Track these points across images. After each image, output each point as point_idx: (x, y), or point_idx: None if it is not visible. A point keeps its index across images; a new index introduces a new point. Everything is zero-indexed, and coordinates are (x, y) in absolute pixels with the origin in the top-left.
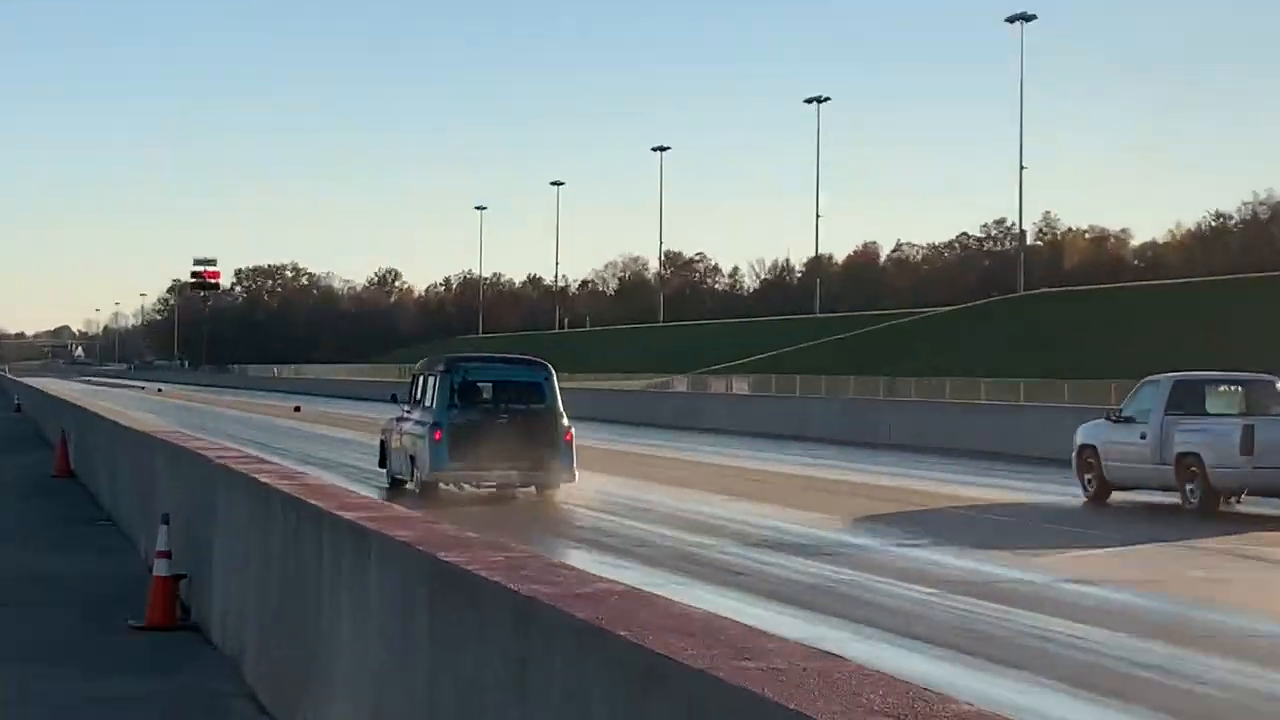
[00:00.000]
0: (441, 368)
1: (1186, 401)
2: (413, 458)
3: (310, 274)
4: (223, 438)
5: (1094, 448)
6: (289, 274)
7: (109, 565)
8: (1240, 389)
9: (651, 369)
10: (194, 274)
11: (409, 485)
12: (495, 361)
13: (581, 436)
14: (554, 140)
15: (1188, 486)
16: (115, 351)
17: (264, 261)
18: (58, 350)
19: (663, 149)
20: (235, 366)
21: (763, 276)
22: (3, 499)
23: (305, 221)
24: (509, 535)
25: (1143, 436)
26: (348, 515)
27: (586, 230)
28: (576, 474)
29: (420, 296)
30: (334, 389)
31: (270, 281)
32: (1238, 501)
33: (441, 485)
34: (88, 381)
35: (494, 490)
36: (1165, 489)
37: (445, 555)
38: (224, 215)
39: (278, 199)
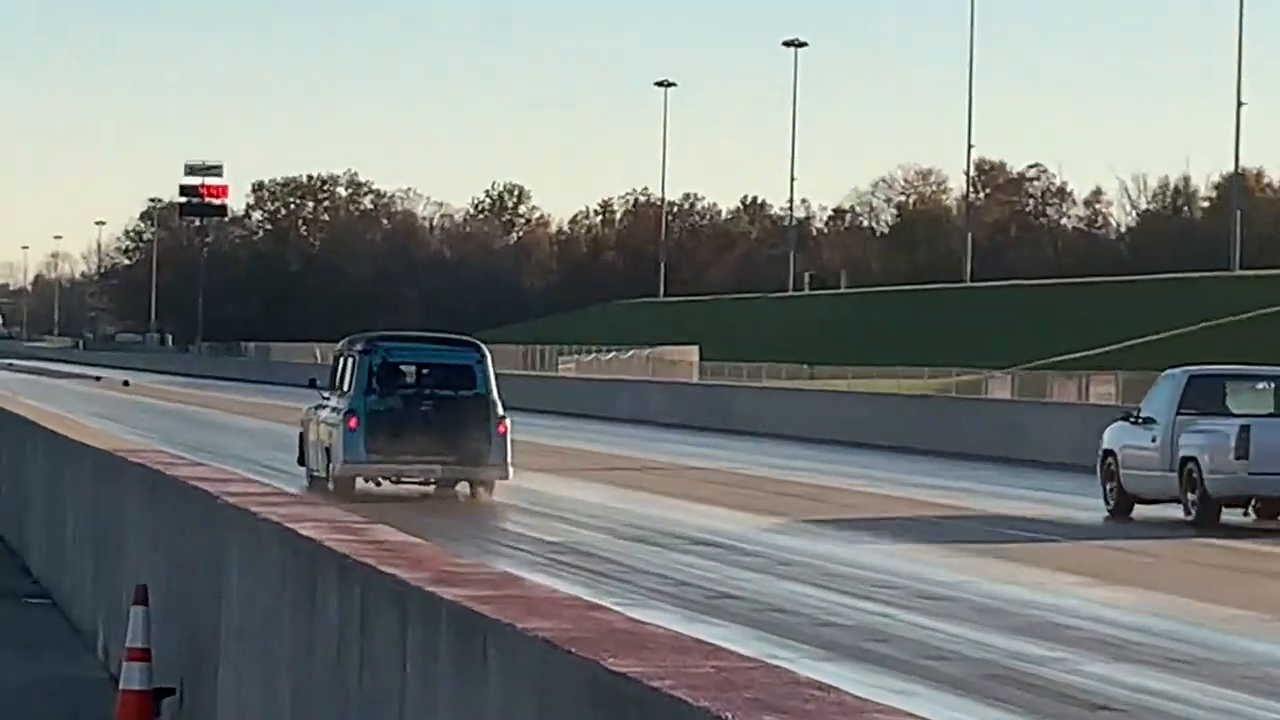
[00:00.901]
0: (360, 348)
1: (1203, 400)
2: (328, 450)
3: (376, 191)
4: (231, 461)
5: (1115, 453)
6: (341, 190)
7: (45, 672)
8: (1273, 385)
9: (944, 358)
10: (185, 190)
11: (330, 485)
12: (421, 341)
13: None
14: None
15: (1189, 496)
16: (55, 317)
17: (298, 172)
18: None
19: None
20: (249, 345)
21: (1142, 206)
22: None
23: (362, 116)
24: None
25: (1154, 440)
26: (448, 594)
27: (815, 138)
28: (511, 470)
29: (561, 233)
30: None
31: (310, 204)
32: (1245, 514)
33: (359, 482)
34: (9, 366)
35: (423, 486)
36: (1175, 500)
37: (615, 662)
38: (233, 105)
39: (318, 82)
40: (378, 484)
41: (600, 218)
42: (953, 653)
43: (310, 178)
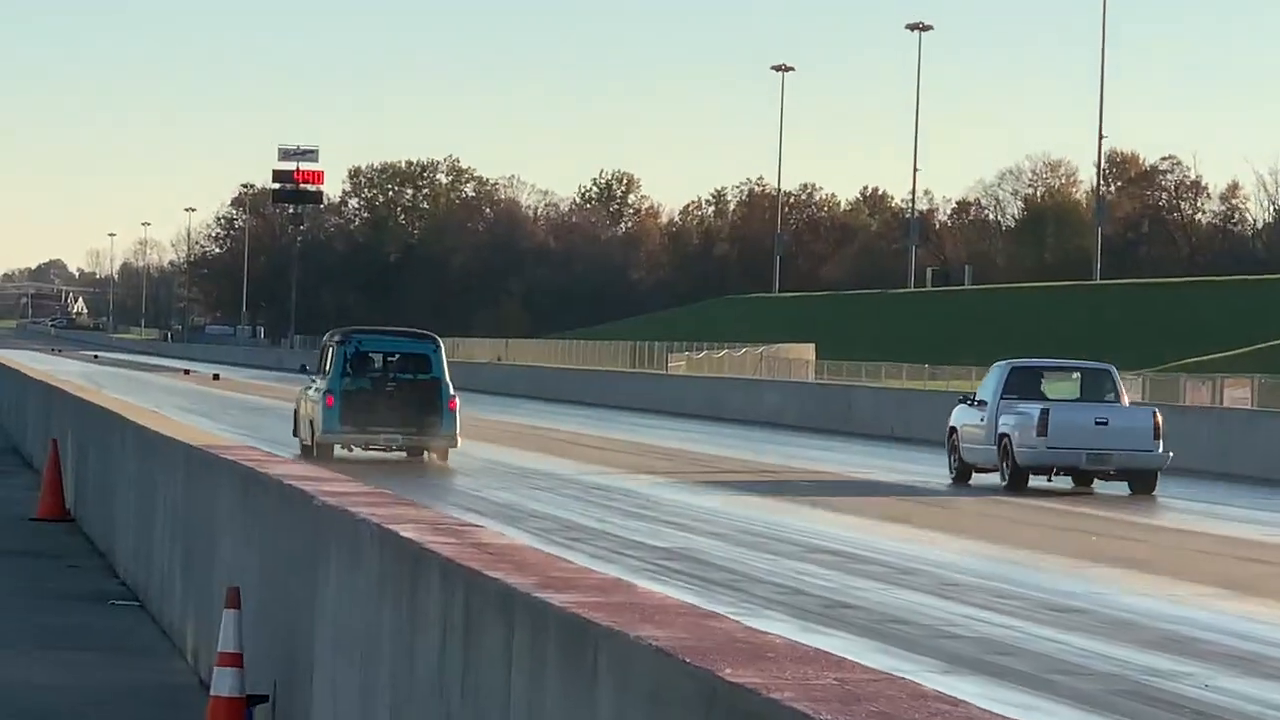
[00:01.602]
0: (338, 339)
1: (1022, 386)
2: (311, 422)
3: (478, 179)
4: (327, 461)
5: (957, 430)
6: (442, 178)
7: (134, 677)
8: (1079, 375)
9: (1077, 358)
10: (278, 175)
11: (314, 451)
12: (387, 333)
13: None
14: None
15: (1004, 465)
16: (142, 308)
17: (396, 158)
18: (42, 302)
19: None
20: None
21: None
22: None
23: (463, 100)
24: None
25: (982, 419)
26: (555, 600)
27: (939, 126)
28: (459, 439)
29: (672, 224)
30: (522, 381)
31: (409, 191)
32: (1049, 479)
33: (337, 450)
34: (95, 358)
35: (397, 449)
36: (996, 469)
37: (733, 673)
38: (328, 88)
39: (417, 65)
40: (349, 450)
41: (713, 208)
42: (1081, 667)
43: (409, 164)
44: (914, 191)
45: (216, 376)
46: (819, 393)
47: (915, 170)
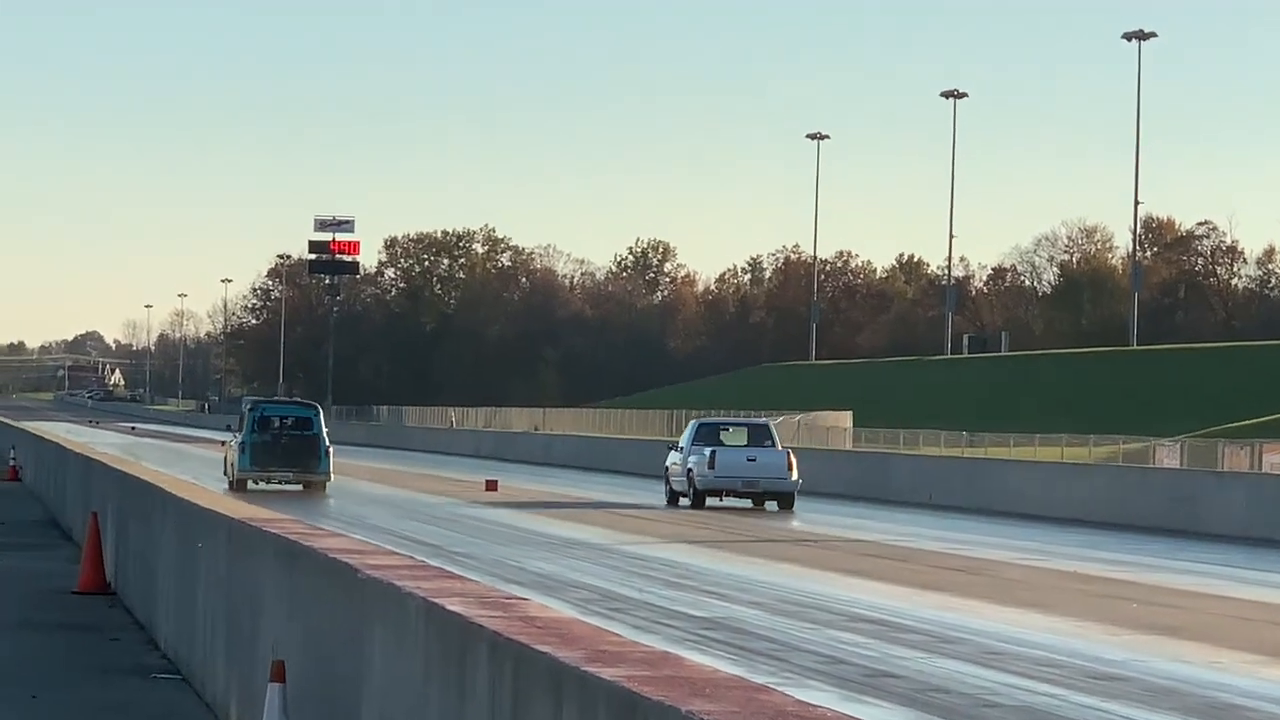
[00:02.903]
0: (249, 407)
1: (707, 436)
2: (232, 464)
3: (514, 248)
4: (369, 532)
5: (667, 467)
6: (478, 248)
7: None
8: (744, 428)
9: (1110, 425)
10: (314, 246)
11: (233, 485)
12: (282, 402)
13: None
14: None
15: (690, 489)
16: (179, 379)
17: (432, 228)
18: (79, 373)
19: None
20: (382, 409)
21: None
22: None
23: (499, 170)
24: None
25: (680, 460)
26: (605, 674)
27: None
28: (332, 475)
29: (708, 292)
30: (562, 452)
31: (445, 261)
32: (720, 499)
33: (250, 484)
34: (133, 430)
35: (286, 486)
36: (688, 494)
37: None
38: (364, 159)
39: (451, 136)
40: (256, 483)
41: (749, 276)
42: None
43: (445, 234)
44: (950, 258)
45: None
46: (856, 460)
47: (951, 237)
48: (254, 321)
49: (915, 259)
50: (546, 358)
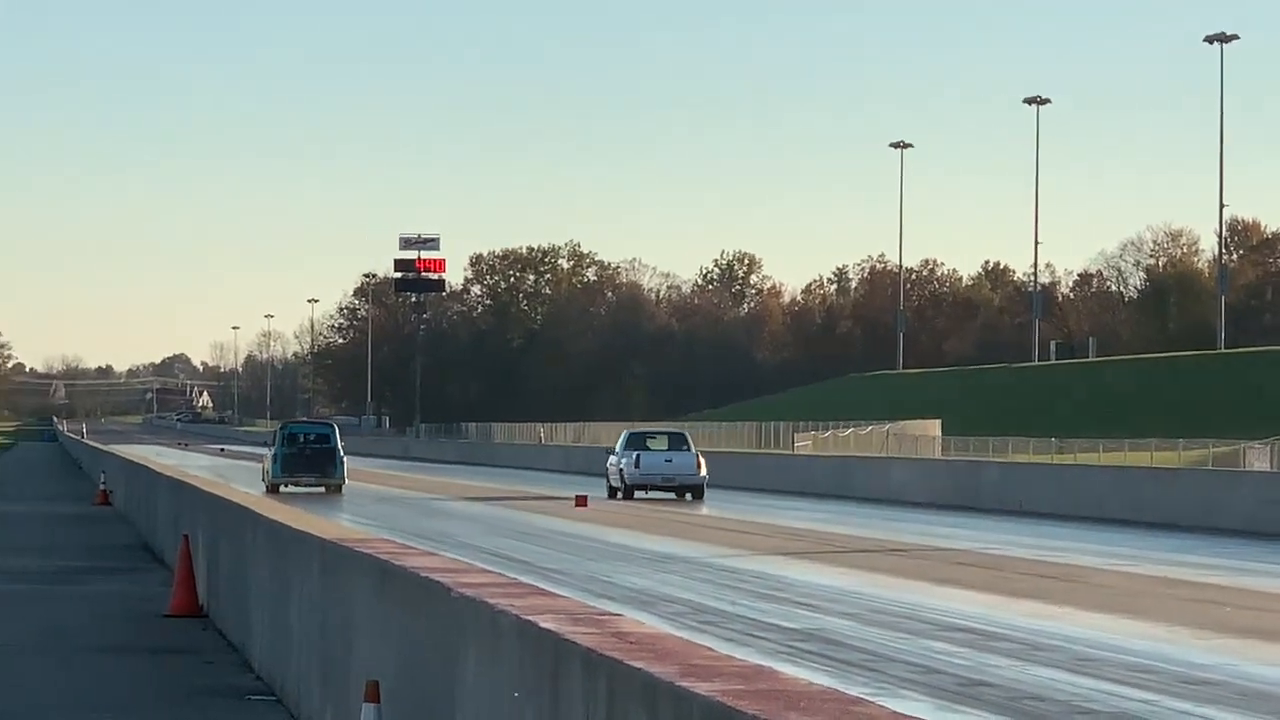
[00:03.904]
0: (280, 426)
1: (635, 442)
2: (266, 471)
3: (600, 263)
4: (460, 549)
5: (607, 468)
6: (563, 263)
7: None
8: (665, 435)
9: (1199, 429)
10: (400, 264)
11: (266, 489)
12: (305, 422)
13: None
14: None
15: (622, 485)
16: (267, 400)
17: (517, 244)
18: (167, 396)
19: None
20: (470, 426)
21: None
22: (84, 657)
23: (583, 185)
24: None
25: (617, 461)
26: (700, 688)
27: (1059, 199)
28: (346, 480)
29: (794, 303)
30: None
31: (531, 277)
32: (644, 494)
33: (281, 488)
34: (221, 451)
35: (309, 489)
36: (621, 489)
37: None
38: (448, 176)
39: (535, 151)
40: (285, 487)
41: (835, 286)
42: None
43: (531, 249)
44: (1035, 265)
45: None
46: (946, 469)
47: (1036, 243)
48: (341, 341)
49: (1001, 266)
50: (634, 372)
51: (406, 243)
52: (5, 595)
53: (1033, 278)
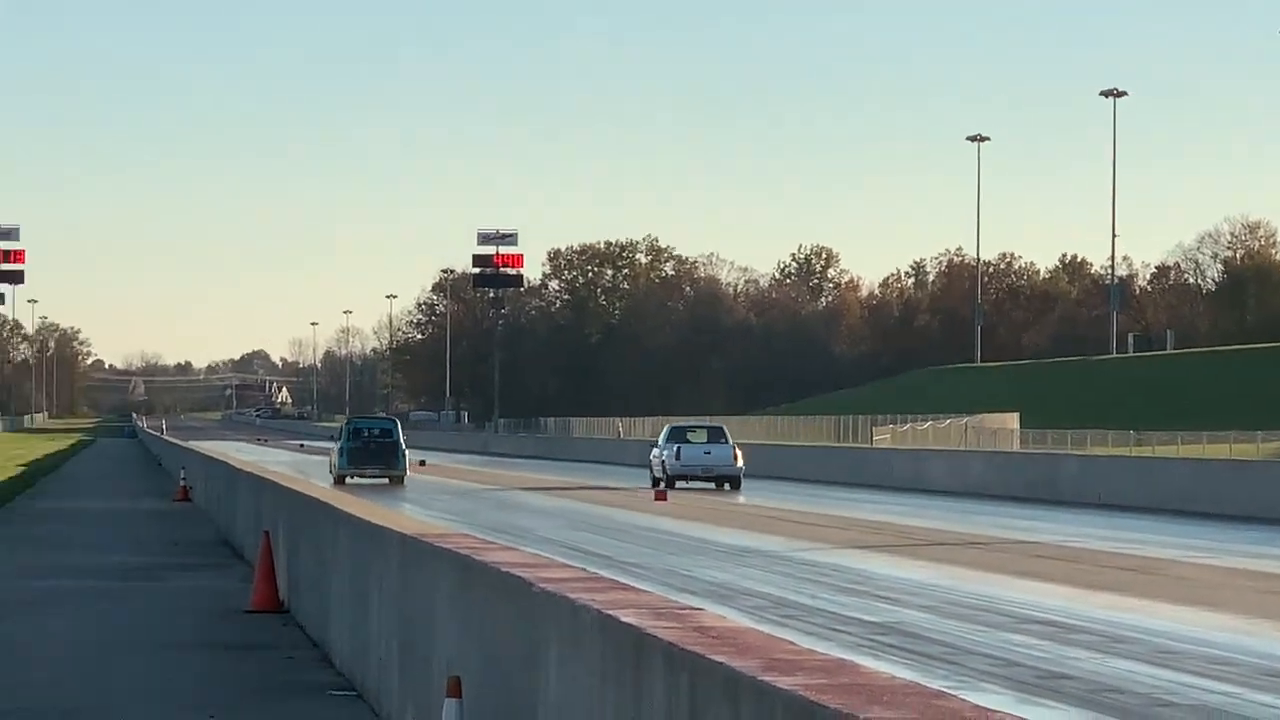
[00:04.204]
0: (346, 421)
1: (677, 436)
2: (333, 464)
3: (678, 257)
4: (540, 544)
5: (651, 460)
6: (641, 258)
7: None
8: (705, 430)
9: (1275, 420)
10: (478, 259)
11: (333, 479)
12: (370, 418)
13: None
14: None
15: (665, 477)
16: (345, 395)
17: (594, 239)
18: (246, 392)
19: None
20: (548, 421)
21: None
22: (166, 653)
23: (660, 180)
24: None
25: (660, 453)
26: (782, 682)
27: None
28: (408, 472)
29: (872, 297)
30: None
31: (609, 271)
32: (686, 484)
33: (347, 479)
34: (301, 447)
35: (373, 480)
36: (662, 480)
37: None
38: (526, 171)
39: (613, 146)
40: (351, 479)
41: (913, 280)
42: None
43: (609, 244)
44: (1113, 257)
45: (423, 462)
46: (1024, 462)
47: (1114, 236)
48: (419, 336)
49: (1078, 259)
50: (712, 366)
51: (485, 238)
52: (89, 591)
53: (1110, 270)
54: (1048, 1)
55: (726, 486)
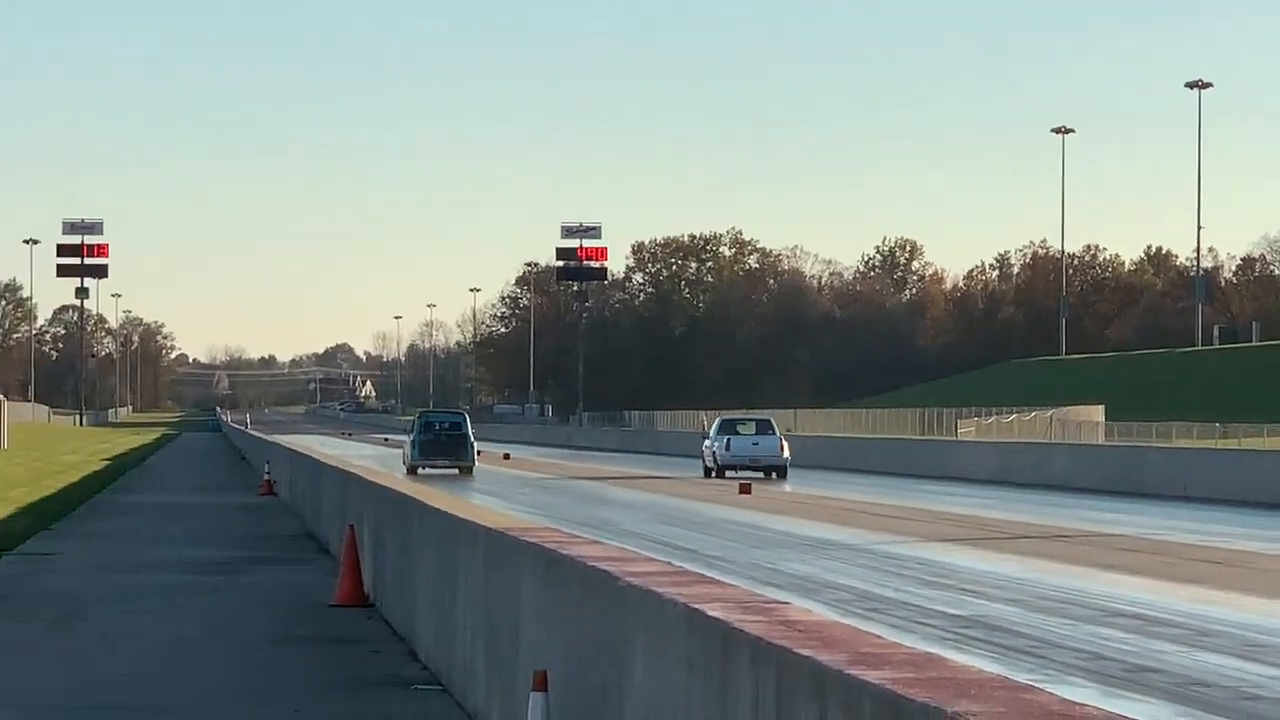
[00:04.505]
0: (417, 415)
1: (728, 428)
2: (405, 455)
3: (762, 250)
4: (624, 538)
5: (703, 451)
6: (725, 250)
7: None
8: (753, 422)
9: None
10: (562, 253)
11: (405, 470)
12: (440, 410)
13: None
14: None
15: (714, 466)
16: (429, 389)
17: (678, 232)
18: (330, 386)
19: None
20: (633, 414)
21: None
22: (252, 647)
23: (743, 172)
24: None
25: (711, 444)
26: (870, 676)
27: (1221, 182)
28: (476, 463)
29: (956, 289)
30: (811, 451)
31: (693, 264)
32: (735, 473)
33: (419, 470)
34: (385, 440)
35: (444, 471)
36: (714, 469)
37: None
38: (609, 165)
39: (696, 140)
40: (423, 470)
41: (997, 272)
42: None
43: (692, 237)
44: (1198, 249)
45: (507, 456)
46: (1109, 455)
47: (1199, 228)
48: (503, 330)
49: (1163, 251)
50: (796, 359)
51: (568, 231)
52: (176, 586)
53: (1195, 262)
54: None
55: (774, 475)
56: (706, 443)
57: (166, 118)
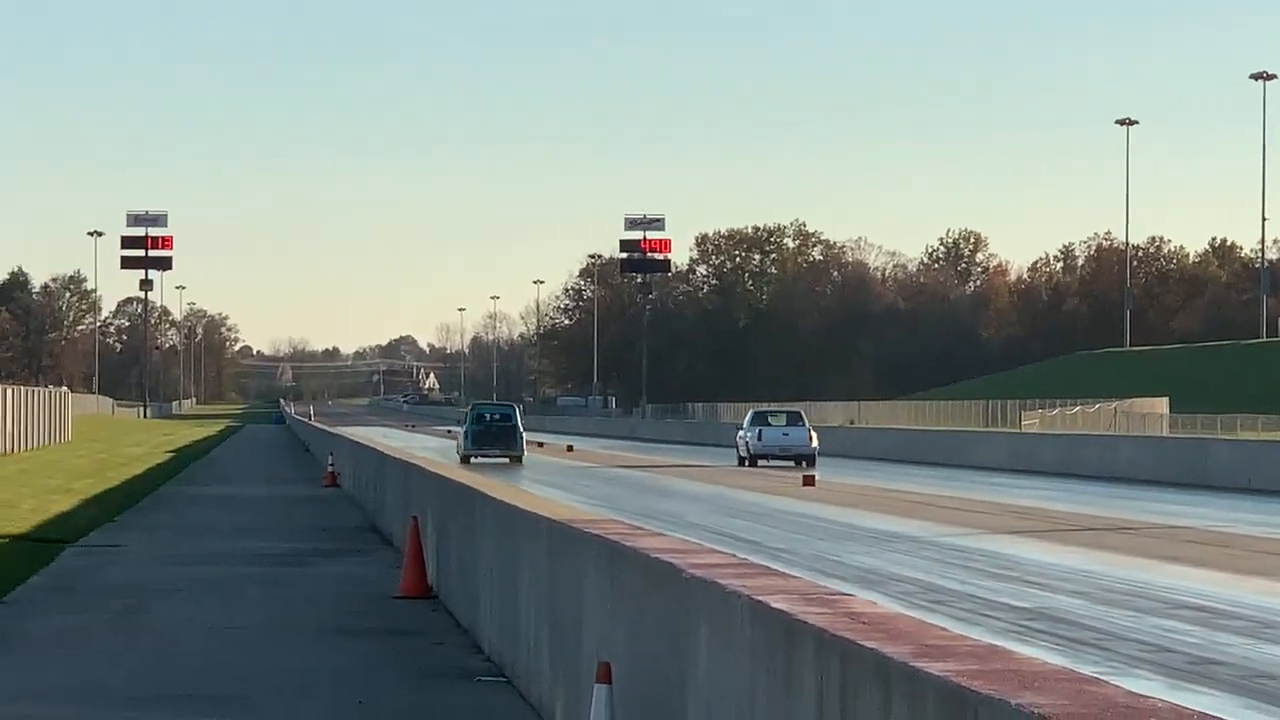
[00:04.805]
0: (470, 408)
1: (760, 419)
2: (458, 445)
3: (825, 241)
4: (688, 529)
5: (737, 440)
6: (789, 242)
7: None
8: (784, 414)
9: None
10: (625, 245)
11: (459, 459)
12: (491, 404)
13: None
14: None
15: (748, 455)
16: (493, 381)
17: (742, 224)
18: (393, 378)
19: None
20: (696, 406)
21: None
22: (316, 638)
23: (806, 163)
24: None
25: (745, 434)
26: (933, 668)
27: None
28: (525, 452)
29: (1021, 281)
30: (875, 443)
31: (757, 256)
32: (766, 462)
33: (471, 460)
34: (449, 433)
35: (495, 460)
36: (747, 459)
37: None
38: (673, 156)
39: (759, 130)
40: (475, 459)
41: (1061, 264)
42: None
43: (756, 229)
44: (1263, 240)
45: (570, 448)
46: (1174, 446)
47: (1264, 219)
48: (567, 322)
49: (1228, 242)
50: (860, 351)
51: (632, 223)
52: (241, 577)
53: (1260, 254)
54: None
55: (803, 464)
56: (740, 433)
57: (231, 109)
